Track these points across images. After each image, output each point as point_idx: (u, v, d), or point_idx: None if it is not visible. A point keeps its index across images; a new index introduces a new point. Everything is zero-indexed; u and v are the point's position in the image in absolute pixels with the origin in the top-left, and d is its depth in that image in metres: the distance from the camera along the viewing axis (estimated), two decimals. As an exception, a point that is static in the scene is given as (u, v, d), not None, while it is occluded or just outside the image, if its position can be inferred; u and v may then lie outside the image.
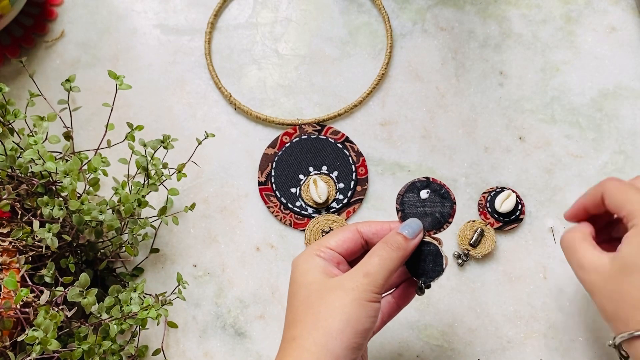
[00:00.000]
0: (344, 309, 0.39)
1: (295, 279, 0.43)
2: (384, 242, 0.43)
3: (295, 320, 0.41)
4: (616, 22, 0.64)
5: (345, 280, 0.41)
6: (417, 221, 0.44)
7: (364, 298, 0.40)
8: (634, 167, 0.59)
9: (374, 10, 0.65)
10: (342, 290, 0.40)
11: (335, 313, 0.39)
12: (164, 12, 0.66)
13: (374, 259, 0.42)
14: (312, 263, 0.42)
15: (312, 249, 0.43)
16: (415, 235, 0.43)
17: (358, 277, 0.40)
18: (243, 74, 0.64)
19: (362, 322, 0.39)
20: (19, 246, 0.49)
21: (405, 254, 0.43)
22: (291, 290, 0.43)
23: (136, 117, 0.62)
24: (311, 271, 0.42)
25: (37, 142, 0.47)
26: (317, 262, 0.42)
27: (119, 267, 0.57)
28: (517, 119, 0.61)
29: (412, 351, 0.54)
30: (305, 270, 0.42)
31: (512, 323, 0.55)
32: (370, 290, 0.40)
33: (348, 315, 0.39)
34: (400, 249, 0.42)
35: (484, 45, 0.64)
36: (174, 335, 0.55)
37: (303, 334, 0.39)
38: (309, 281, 0.41)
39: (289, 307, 0.42)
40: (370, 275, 0.41)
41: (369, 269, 0.41)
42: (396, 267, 0.42)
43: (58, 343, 0.44)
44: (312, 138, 0.61)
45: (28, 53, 0.64)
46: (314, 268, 0.42)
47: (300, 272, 0.42)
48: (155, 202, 0.57)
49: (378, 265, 0.41)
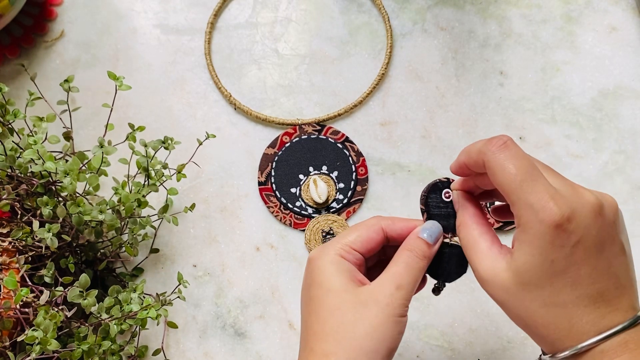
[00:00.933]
0: (381, 328, 0.38)
1: (318, 281, 0.40)
2: (408, 249, 0.40)
3: (325, 332, 0.38)
4: (616, 22, 0.64)
5: (379, 294, 0.38)
6: (437, 224, 0.42)
7: (398, 314, 0.38)
8: (634, 167, 0.59)
9: (374, 10, 0.65)
10: (377, 306, 0.38)
11: (371, 332, 0.37)
12: (164, 12, 0.66)
13: (402, 269, 0.39)
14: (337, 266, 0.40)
15: (335, 248, 0.40)
16: (437, 240, 0.41)
17: (391, 290, 0.38)
18: (243, 74, 0.64)
19: (395, 340, 0.38)
20: (19, 246, 0.49)
21: (429, 261, 0.41)
22: (315, 294, 0.39)
23: (136, 117, 0.62)
24: (337, 276, 0.39)
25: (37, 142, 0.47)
26: (344, 266, 0.40)
27: (118, 267, 0.57)
28: (517, 119, 0.61)
29: (412, 351, 0.54)
30: (331, 274, 0.39)
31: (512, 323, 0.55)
32: (403, 305, 0.39)
33: (384, 334, 0.38)
34: (425, 257, 0.40)
35: (484, 45, 0.64)
36: (174, 336, 0.55)
37: (338, 352, 0.37)
38: (338, 288, 0.39)
39: (312, 313, 0.39)
40: (402, 287, 0.39)
41: (400, 281, 0.39)
42: (421, 275, 0.40)
43: (58, 343, 0.44)
44: (312, 138, 0.61)
45: (28, 53, 0.64)
46: (340, 272, 0.39)
47: (324, 274, 0.39)
48: (155, 202, 0.57)
49: (408, 276, 0.39)
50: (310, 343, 0.39)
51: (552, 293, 0.35)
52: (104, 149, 0.49)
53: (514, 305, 0.37)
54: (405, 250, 0.40)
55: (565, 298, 0.35)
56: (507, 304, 0.37)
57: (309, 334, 0.39)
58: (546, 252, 0.34)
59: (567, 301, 0.35)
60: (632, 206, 0.58)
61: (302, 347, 0.40)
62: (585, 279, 0.34)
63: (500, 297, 0.37)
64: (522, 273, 0.35)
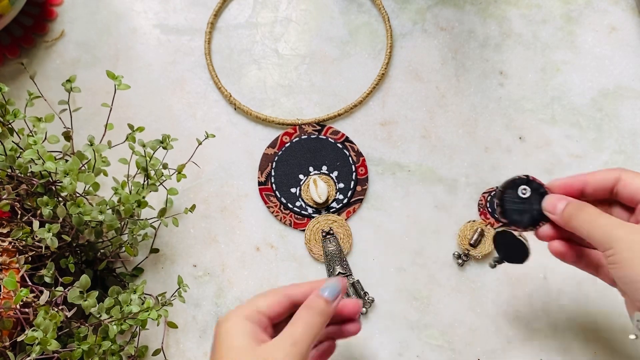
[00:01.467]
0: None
1: (222, 342, 0.42)
2: (307, 307, 0.43)
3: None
4: (616, 22, 0.64)
5: (275, 351, 0.41)
6: (337, 282, 0.45)
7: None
8: (634, 167, 0.59)
9: (374, 10, 0.65)
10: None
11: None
12: (164, 12, 0.66)
13: (300, 327, 0.42)
14: (240, 326, 0.42)
15: (241, 312, 0.43)
16: (335, 297, 0.44)
17: (286, 347, 0.41)
18: (243, 74, 0.64)
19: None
20: (19, 246, 0.49)
21: (327, 317, 0.44)
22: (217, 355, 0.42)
23: (136, 117, 0.62)
24: (240, 336, 0.42)
25: (37, 142, 0.47)
26: (246, 327, 0.42)
27: (118, 267, 0.57)
28: (517, 119, 0.61)
29: (412, 351, 0.54)
30: (234, 334, 0.42)
31: (512, 323, 0.55)
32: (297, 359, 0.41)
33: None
34: (323, 313, 0.43)
35: (484, 45, 0.64)
36: (174, 336, 0.55)
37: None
38: (238, 346, 0.41)
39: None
40: (297, 344, 0.41)
41: (296, 338, 0.41)
42: (320, 330, 0.43)
43: (58, 343, 0.44)
44: (312, 138, 0.61)
45: (28, 53, 0.64)
46: (242, 332, 0.42)
47: (229, 335, 0.42)
48: (155, 202, 0.57)
49: (304, 333, 0.42)
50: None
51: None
52: (95, 146, 0.48)
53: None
54: (303, 308, 0.43)
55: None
56: None
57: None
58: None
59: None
60: (632, 206, 0.58)
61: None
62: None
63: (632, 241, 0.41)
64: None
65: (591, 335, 0.54)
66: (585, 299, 0.55)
